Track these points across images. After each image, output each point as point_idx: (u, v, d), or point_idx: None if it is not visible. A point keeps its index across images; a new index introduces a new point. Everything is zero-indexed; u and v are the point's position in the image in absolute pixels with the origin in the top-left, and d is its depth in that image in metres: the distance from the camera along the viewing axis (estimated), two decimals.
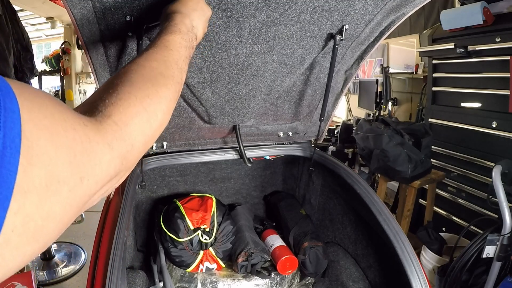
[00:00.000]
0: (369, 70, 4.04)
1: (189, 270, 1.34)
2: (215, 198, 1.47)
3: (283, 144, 1.63)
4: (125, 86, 0.39)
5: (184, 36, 0.56)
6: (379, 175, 2.59)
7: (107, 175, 0.32)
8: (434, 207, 2.48)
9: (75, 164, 0.28)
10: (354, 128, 3.30)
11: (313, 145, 1.66)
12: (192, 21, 0.61)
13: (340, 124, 3.86)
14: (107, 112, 0.35)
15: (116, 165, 0.33)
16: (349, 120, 4.19)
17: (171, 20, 0.59)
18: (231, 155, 1.52)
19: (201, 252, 1.35)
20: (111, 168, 0.32)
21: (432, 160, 2.25)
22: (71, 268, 2.43)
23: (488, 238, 1.54)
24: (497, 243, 1.52)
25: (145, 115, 0.38)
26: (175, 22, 0.58)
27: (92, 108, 0.35)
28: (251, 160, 1.50)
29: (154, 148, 1.42)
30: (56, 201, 0.27)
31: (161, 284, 1.23)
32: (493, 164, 1.65)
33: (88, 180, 0.29)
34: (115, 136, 0.33)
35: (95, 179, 0.30)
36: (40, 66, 4.30)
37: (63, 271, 2.39)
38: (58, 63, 4.26)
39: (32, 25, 5.14)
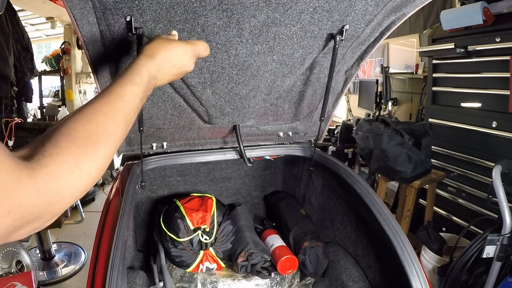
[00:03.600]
0: (369, 70, 4.04)
1: (189, 270, 1.34)
2: (215, 198, 1.46)
3: (283, 144, 1.63)
4: (67, 138, 0.42)
5: (143, 88, 0.56)
6: (379, 175, 2.59)
7: (31, 214, 0.36)
8: (434, 207, 2.48)
9: (3, 200, 0.32)
10: (354, 128, 3.30)
11: (313, 145, 1.66)
12: (158, 72, 0.61)
13: (340, 124, 3.86)
14: (43, 162, 0.38)
15: (41, 209, 0.38)
16: (349, 120, 4.20)
17: (138, 65, 0.59)
18: (231, 155, 1.52)
19: (201, 252, 1.35)
20: (37, 210, 0.37)
21: (432, 160, 2.25)
22: (71, 268, 2.43)
23: (488, 238, 1.54)
24: (497, 243, 1.52)
25: (78, 173, 0.41)
26: (140, 70, 0.58)
27: (33, 153, 0.39)
28: (251, 160, 1.50)
29: (154, 148, 1.42)
30: None
31: (161, 284, 1.23)
32: (493, 164, 1.64)
33: (14, 214, 0.34)
34: (44, 185, 0.37)
35: (21, 215, 0.35)
36: (40, 66, 4.29)
37: (63, 271, 2.39)
38: (58, 63, 4.25)
39: (32, 25, 5.13)
